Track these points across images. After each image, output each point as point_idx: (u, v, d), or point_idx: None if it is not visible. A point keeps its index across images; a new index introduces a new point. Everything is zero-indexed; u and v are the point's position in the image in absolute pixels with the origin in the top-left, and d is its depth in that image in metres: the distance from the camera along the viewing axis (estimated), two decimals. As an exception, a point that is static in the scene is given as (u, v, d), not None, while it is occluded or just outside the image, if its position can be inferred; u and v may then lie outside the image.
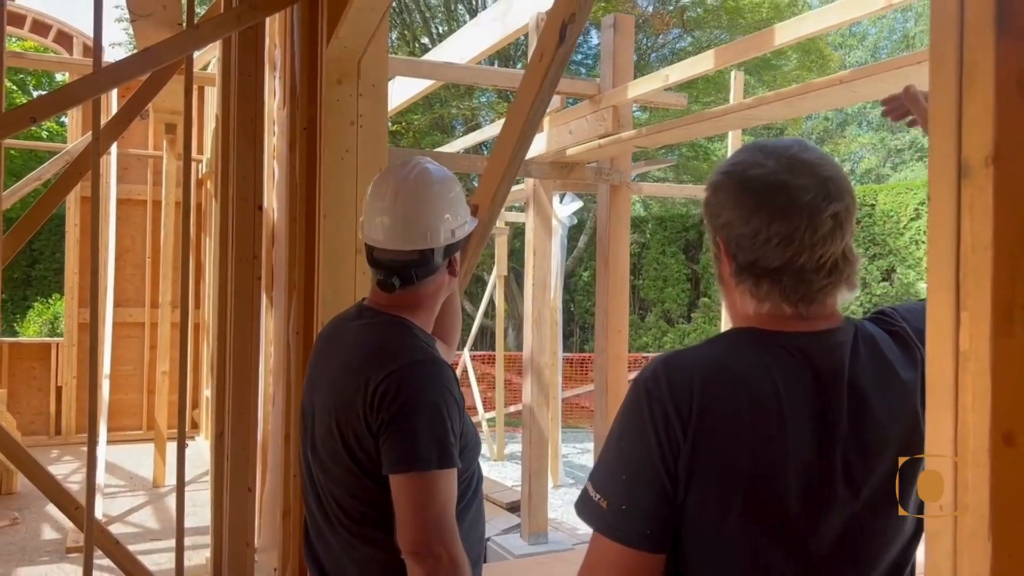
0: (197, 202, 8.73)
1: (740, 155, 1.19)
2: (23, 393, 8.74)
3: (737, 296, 1.18)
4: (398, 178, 1.72)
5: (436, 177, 1.72)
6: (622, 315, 5.27)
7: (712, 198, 1.19)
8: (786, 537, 1.06)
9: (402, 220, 1.67)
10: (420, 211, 1.67)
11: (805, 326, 1.13)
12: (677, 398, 1.06)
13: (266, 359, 4.35)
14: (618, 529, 1.06)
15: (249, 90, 3.91)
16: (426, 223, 1.67)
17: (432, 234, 1.67)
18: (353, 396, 1.56)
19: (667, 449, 1.06)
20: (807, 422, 1.07)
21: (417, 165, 1.74)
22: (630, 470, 1.08)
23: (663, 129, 4.16)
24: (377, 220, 1.70)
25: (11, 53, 7.55)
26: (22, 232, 4.01)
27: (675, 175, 18.49)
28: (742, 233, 1.13)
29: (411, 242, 1.67)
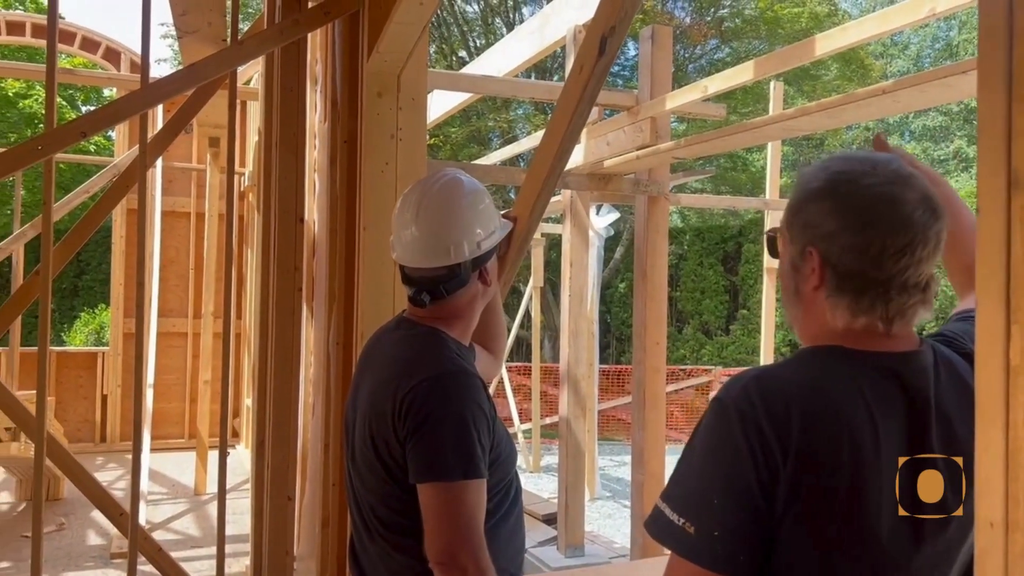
0: (239, 214, 8.88)
1: (840, 164, 1.16)
2: (70, 401, 8.94)
3: (824, 310, 1.14)
4: (421, 193, 1.72)
5: (462, 190, 1.71)
6: (660, 327, 5.24)
7: (812, 207, 1.14)
8: (880, 565, 1.04)
9: (426, 236, 1.67)
10: (443, 226, 1.66)
11: (893, 345, 1.12)
12: (775, 420, 1.04)
13: (306, 369, 4.40)
14: (709, 555, 1.03)
15: (291, 104, 3.97)
16: (450, 238, 1.66)
17: (456, 249, 1.66)
18: (384, 406, 1.58)
19: (764, 473, 1.03)
20: (899, 449, 1.06)
21: (441, 178, 1.73)
22: (722, 494, 1.04)
23: (702, 140, 4.14)
24: (402, 236, 1.71)
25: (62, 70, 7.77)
26: (72, 243, 4.11)
27: (713, 186, 18.35)
28: (851, 243, 1.10)
29: (435, 259, 1.66)
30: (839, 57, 16.69)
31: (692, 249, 18.20)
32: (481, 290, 1.74)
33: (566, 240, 6.24)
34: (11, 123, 15.64)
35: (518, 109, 18.48)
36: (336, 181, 3.93)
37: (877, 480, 1.04)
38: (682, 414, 13.92)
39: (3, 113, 15.61)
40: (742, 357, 16.80)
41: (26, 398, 4.69)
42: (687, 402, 14.15)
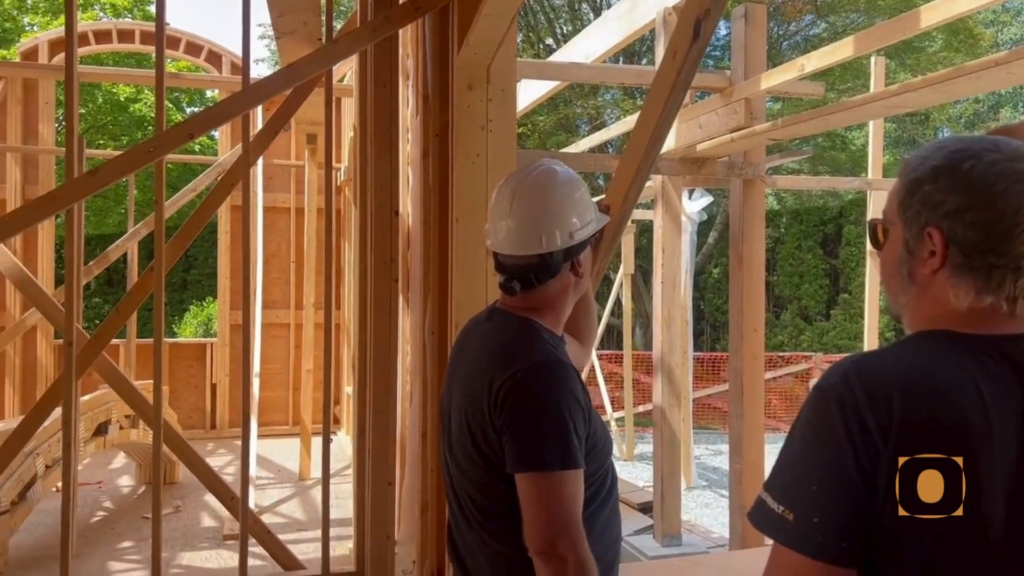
0: (337, 208, 9.12)
1: (957, 143, 1.14)
2: (182, 390, 9.40)
3: (943, 292, 1.12)
4: (516, 182, 1.73)
5: (556, 179, 1.72)
6: (758, 313, 5.12)
7: (931, 186, 1.12)
8: (994, 551, 1.01)
9: (519, 225, 1.68)
10: (537, 215, 1.67)
11: (1013, 327, 1.09)
12: (875, 405, 1.02)
13: (403, 358, 4.50)
14: (810, 542, 1.02)
15: (384, 100, 4.05)
16: (543, 227, 1.67)
17: (548, 238, 1.67)
18: (479, 395, 1.60)
19: (865, 460, 1.01)
20: (1014, 441, 1.02)
21: (538, 168, 1.74)
22: (821, 481, 1.03)
23: (800, 120, 4.01)
24: (496, 225, 1.73)
25: (169, 74, 8.14)
26: (182, 240, 4.32)
27: (811, 167, 17.75)
28: (980, 220, 1.07)
29: (527, 247, 1.67)
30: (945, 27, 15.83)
31: (789, 232, 17.68)
32: (573, 281, 1.74)
33: (658, 226, 6.16)
34: (123, 126, 16.50)
35: (606, 95, 18.31)
36: (429, 174, 3.99)
37: (989, 464, 1.00)
38: (781, 402, 13.58)
39: (116, 117, 16.48)
40: (844, 343, 16.24)
41: (143, 387, 4.97)
42: (786, 390, 13.79)
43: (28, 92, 8.65)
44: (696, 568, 3.98)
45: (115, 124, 16.60)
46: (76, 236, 3.98)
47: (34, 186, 8.58)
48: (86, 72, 8.95)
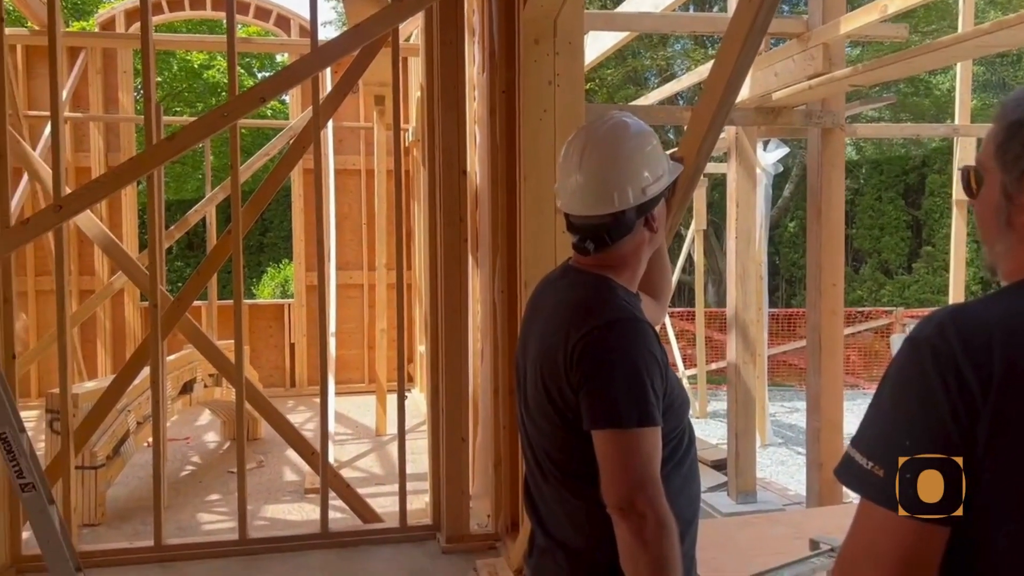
0: (406, 169, 9.16)
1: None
2: (261, 349, 9.70)
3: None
4: (585, 138, 1.68)
5: (627, 133, 1.66)
6: (836, 268, 4.97)
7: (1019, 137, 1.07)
8: None
9: (589, 183, 1.63)
10: (608, 172, 1.62)
11: None
12: (974, 356, 0.97)
13: (474, 317, 4.53)
14: (902, 499, 0.98)
15: (450, 57, 4.03)
16: (614, 184, 1.61)
17: (621, 195, 1.61)
18: (555, 353, 1.58)
19: (962, 412, 0.96)
20: None
21: (608, 122, 1.69)
22: (914, 436, 0.99)
23: (884, 64, 3.82)
24: (567, 183, 1.68)
25: (240, 39, 8.25)
26: (258, 203, 4.42)
27: (892, 114, 17.01)
28: None
29: (599, 206, 1.62)
30: (1042, -41, 14.86)
31: (869, 183, 17.03)
32: (648, 237, 1.69)
33: (731, 179, 6.01)
34: (198, 93, 16.88)
35: (675, 45, 17.84)
36: (496, 132, 3.96)
37: None
38: (859, 358, 13.23)
39: (191, 84, 16.86)
40: (927, 297, 15.67)
41: (224, 347, 5.14)
42: (865, 346, 13.43)
43: (107, 62, 8.91)
44: (772, 525, 3.95)
45: (190, 91, 16.99)
46: (157, 201, 4.11)
47: (116, 154, 8.87)
48: (160, 40, 9.15)
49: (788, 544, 3.33)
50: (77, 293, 8.81)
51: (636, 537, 1.46)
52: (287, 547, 4.07)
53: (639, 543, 1.45)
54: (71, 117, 8.46)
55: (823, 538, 3.14)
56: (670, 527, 1.47)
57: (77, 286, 8.87)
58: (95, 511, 4.71)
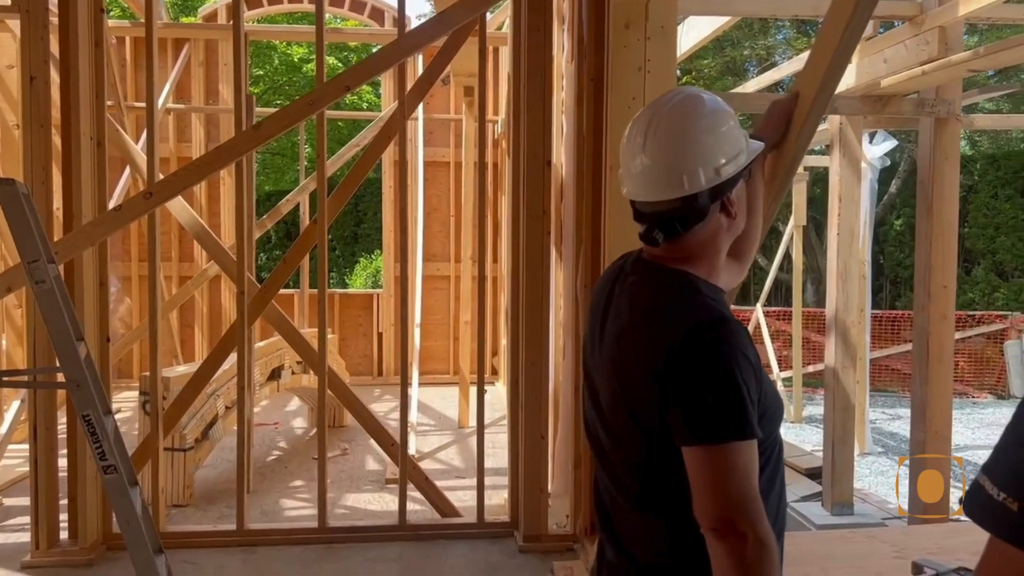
0: (493, 161, 9.13)
1: None
2: (351, 338, 9.85)
3: None
4: (653, 113, 1.51)
5: (698, 108, 1.49)
6: (948, 268, 4.63)
7: None
8: None
9: (655, 164, 1.46)
10: (677, 152, 1.46)
11: None
12: None
13: (556, 312, 4.42)
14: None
15: (538, 45, 3.93)
16: (684, 165, 1.45)
17: (691, 178, 1.45)
18: (634, 362, 1.45)
19: None
20: None
21: (675, 96, 1.52)
22: None
23: (1009, 46, 3.50)
24: (631, 166, 1.51)
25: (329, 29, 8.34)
26: (344, 193, 4.42)
27: (1012, 105, 15.96)
28: None
29: (667, 191, 1.46)
30: None
31: (984, 179, 16.03)
32: (725, 224, 1.52)
33: (834, 172, 5.69)
34: (298, 87, 17.31)
35: (777, 35, 17.22)
36: (583, 121, 3.84)
37: None
38: (969, 365, 12.49)
39: (291, 78, 17.31)
40: (1046, 302, 14.67)
41: (312, 335, 5.18)
42: (976, 352, 12.66)
43: (209, 55, 9.18)
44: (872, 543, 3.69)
45: (290, 84, 17.43)
46: (246, 189, 4.15)
47: (216, 144, 9.11)
48: (254, 30, 9.38)
49: (887, 564, 3.09)
50: (177, 279, 9.14)
51: (736, 560, 1.31)
52: (365, 537, 4.06)
53: (740, 566, 1.31)
54: (173, 108, 8.76)
55: (927, 561, 2.89)
56: (772, 548, 1.33)
57: (178, 272, 9.20)
58: (183, 492, 4.83)
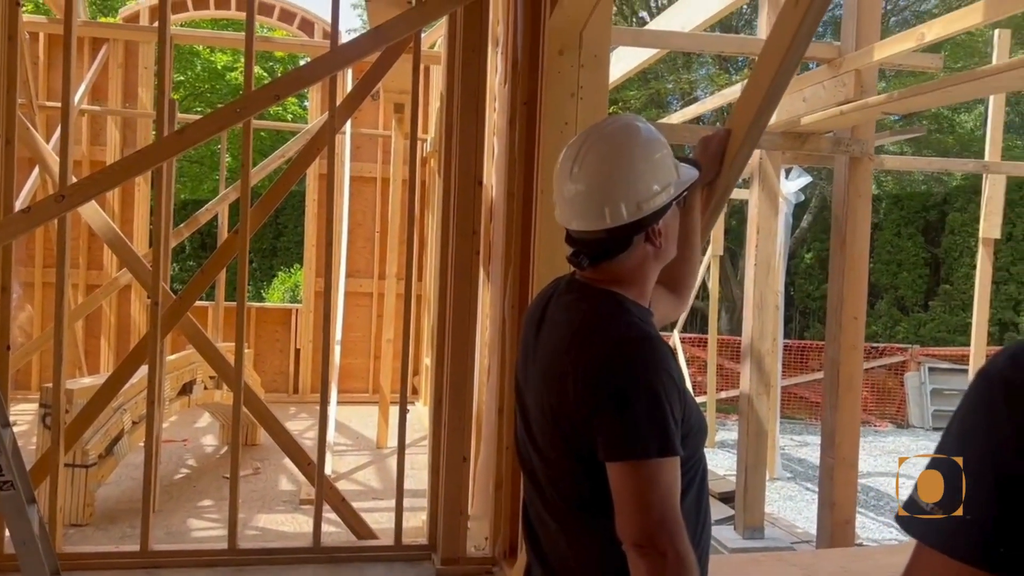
0: (421, 179, 9.09)
1: None
2: (267, 354, 9.60)
3: None
4: (583, 141, 1.52)
5: (630, 138, 1.50)
6: (859, 301, 4.82)
7: None
8: None
9: (581, 194, 1.48)
10: (602, 182, 1.47)
11: None
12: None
13: (482, 332, 4.40)
14: (961, 545, 0.88)
15: (472, 65, 3.93)
16: (607, 197, 1.46)
17: (613, 211, 1.46)
18: (563, 377, 1.45)
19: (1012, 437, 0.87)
20: None
21: (609, 124, 1.53)
22: (975, 475, 0.91)
23: (920, 92, 3.69)
24: (561, 192, 1.53)
25: (259, 38, 8.19)
26: (267, 204, 4.31)
27: (915, 149, 16.85)
28: None
29: (591, 222, 1.48)
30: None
31: (889, 218, 16.86)
32: (652, 252, 1.53)
33: (753, 205, 5.88)
34: (220, 94, 16.91)
35: (700, 70, 17.76)
36: (515, 143, 3.85)
37: None
38: (872, 395, 13.01)
39: (213, 85, 16.90)
40: (943, 336, 15.43)
41: (227, 349, 5.02)
42: (878, 382, 13.21)
43: (129, 57, 8.88)
44: (781, 565, 3.78)
45: (212, 92, 17.02)
46: (165, 197, 4.01)
47: (132, 148, 8.82)
48: (179, 34, 9.13)
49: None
50: (84, 287, 8.74)
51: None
52: (277, 560, 3.93)
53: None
54: (87, 110, 8.43)
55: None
56: (692, 565, 1.34)
57: (85, 280, 8.80)
58: (83, 511, 4.59)
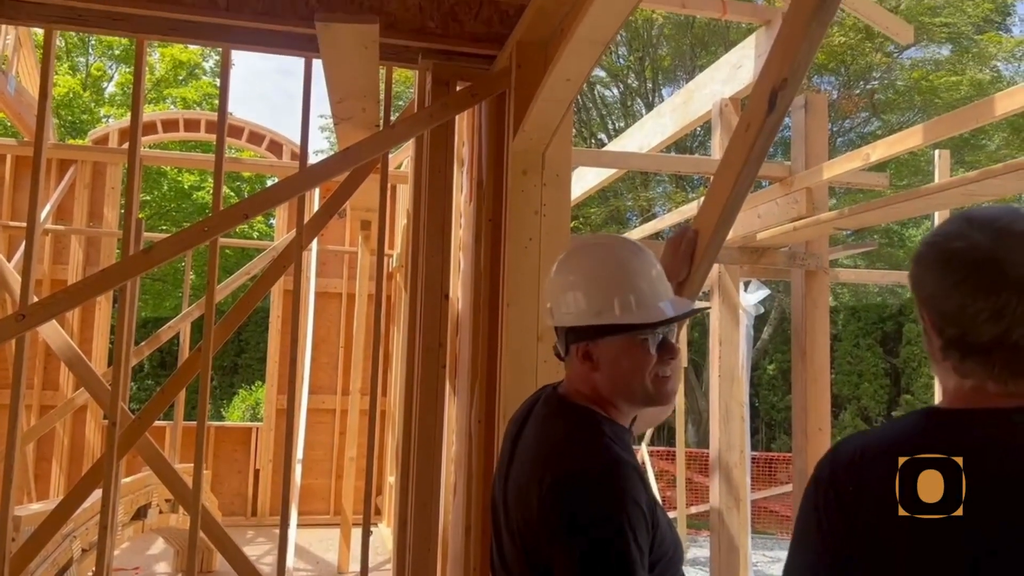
0: (387, 294, 9.14)
1: (945, 226, 1.15)
2: (225, 474, 9.31)
3: (942, 371, 1.13)
4: (573, 248, 1.69)
5: (597, 251, 1.61)
6: (823, 412, 4.86)
7: (915, 270, 1.16)
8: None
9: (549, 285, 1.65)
10: (553, 281, 1.62)
11: (1010, 402, 1.06)
12: (839, 478, 1.06)
13: (448, 448, 4.34)
14: None
15: (439, 184, 4.04)
16: (551, 296, 1.61)
17: (554, 311, 1.60)
18: (530, 498, 1.44)
19: (828, 532, 1.04)
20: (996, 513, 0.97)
21: (595, 239, 1.68)
22: (800, 558, 1.07)
23: (869, 208, 3.86)
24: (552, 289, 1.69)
25: (229, 158, 8.35)
26: (232, 321, 4.28)
27: (868, 262, 17.41)
28: (946, 308, 1.08)
29: (546, 313, 1.65)
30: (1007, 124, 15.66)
31: (847, 329, 17.21)
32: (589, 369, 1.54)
33: (714, 317, 5.98)
34: (186, 213, 17.05)
35: (658, 187, 18.39)
36: (480, 258, 3.92)
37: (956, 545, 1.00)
38: (841, 507, 12.93)
39: (179, 204, 17.05)
40: (907, 446, 15.52)
41: (185, 471, 4.87)
42: (846, 494, 13.15)
43: (96, 177, 8.97)
44: None
45: (178, 211, 17.16)
46: (128, 315, 3.97)
47: (95, 267, 8.79)
48: (149, 155, 9.27)
49: None
50: (38, 408, 8.48)
51: None
52: None
53: None
54: (51, 229, 8.42)
55: None
56: None
57: (39, 401, 8.55)
58: (23, 648, 4.29)
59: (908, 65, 17.48)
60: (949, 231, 1.11)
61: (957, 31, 16.67)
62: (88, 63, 18.03)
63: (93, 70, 17.82)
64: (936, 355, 1.12)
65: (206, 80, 18.39)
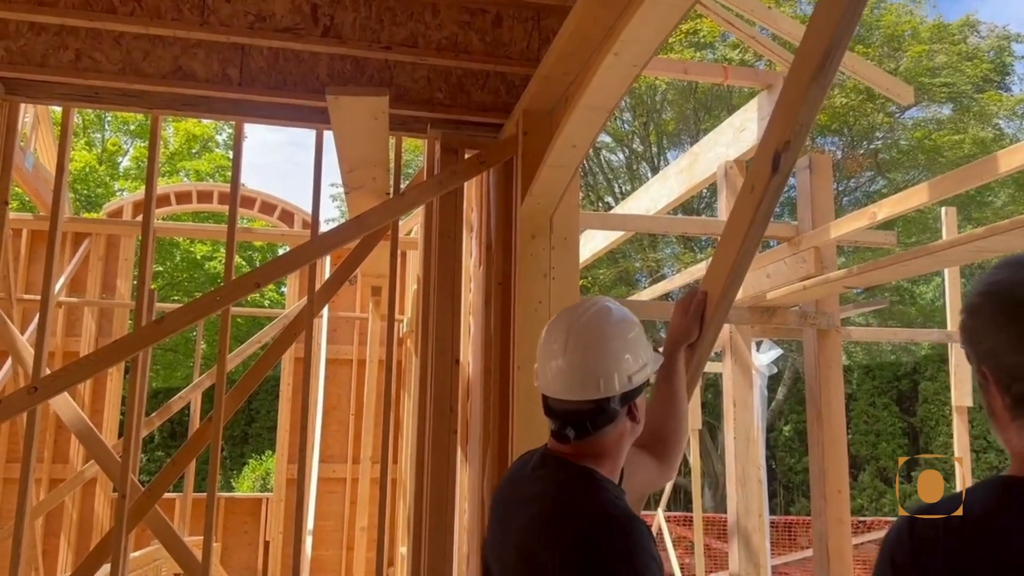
0: (398, 359, 9.12)
1: (1000, 272, 1.04)
2: (235, 547, 9.16)
3: (1013, 433, 1.01)
4: (571, 320, 1.65)
5: (612, 318, 1.63)
6: (840, 473, 4.78)
7: (970, 322, 1.04)
8: None
9: (573, 367, 1.58)
10: (594, 357, 1.58)
11: None
12: (923, 563, 0.98)
13: (461, 516, 4.27)
14: None
15: (448, 250, 4.07)
16: (600, 370, 1.56)
17: (607, 382, 1.55)
18: (542, 554, 1.44)
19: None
20: None
21: (592, 305, 1.66)
22: None
23: (879, 267, 3.87)
24: (549, 366, 1.62)
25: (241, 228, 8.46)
26: (243, 390, 4.28)
27: (880, 320, 17.33)
28: (1013, 363, 0.98)
29: (584, 391, 1.56)
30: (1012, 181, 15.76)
31: (862, 388, 17.05)
32: (630, 427, 1.62)
33: (727, 378, 5.93)
34: (199, 283, 17.20)
35: (666, 249, 18.48)
36: (490, 322, 3.93)
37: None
38: (864, 572, 12.56)
39: (192, 274, 17.21)
40: (929, 507, 15.18)
41: (195, 543, 4.79)
42: (868, 557, 12.79)
43: (110, 249, 9.08)
44: None
45: (190, 281, 17.32)
46: (139, 386, 3.98)
47: (107, 339, 8.82)
48: (162, 227, 9.41)
49: None
50: (47, 481, 8.42)
51: None
52: None
53: None
54: (65, 302, 8.50)
55: None
56: None
57: (49, 474, 8.49)
58: None
59: (910, 124, 17.71)
60: (1006, 279, 1.01)
61: (957, 91, 16.93)
62: (104, 138, 18.46)
63: (109, 145, 18.25)
64: (1001, 415, 1.02)
65: (219, 152, 18.78)
